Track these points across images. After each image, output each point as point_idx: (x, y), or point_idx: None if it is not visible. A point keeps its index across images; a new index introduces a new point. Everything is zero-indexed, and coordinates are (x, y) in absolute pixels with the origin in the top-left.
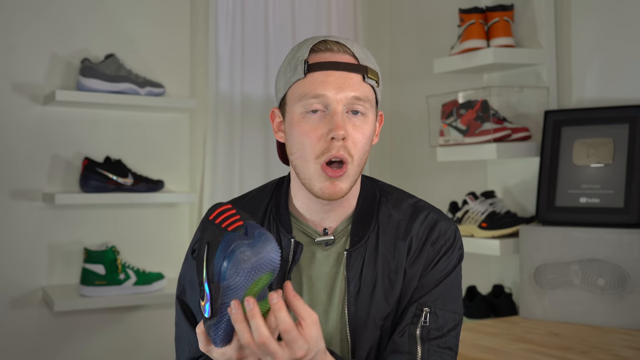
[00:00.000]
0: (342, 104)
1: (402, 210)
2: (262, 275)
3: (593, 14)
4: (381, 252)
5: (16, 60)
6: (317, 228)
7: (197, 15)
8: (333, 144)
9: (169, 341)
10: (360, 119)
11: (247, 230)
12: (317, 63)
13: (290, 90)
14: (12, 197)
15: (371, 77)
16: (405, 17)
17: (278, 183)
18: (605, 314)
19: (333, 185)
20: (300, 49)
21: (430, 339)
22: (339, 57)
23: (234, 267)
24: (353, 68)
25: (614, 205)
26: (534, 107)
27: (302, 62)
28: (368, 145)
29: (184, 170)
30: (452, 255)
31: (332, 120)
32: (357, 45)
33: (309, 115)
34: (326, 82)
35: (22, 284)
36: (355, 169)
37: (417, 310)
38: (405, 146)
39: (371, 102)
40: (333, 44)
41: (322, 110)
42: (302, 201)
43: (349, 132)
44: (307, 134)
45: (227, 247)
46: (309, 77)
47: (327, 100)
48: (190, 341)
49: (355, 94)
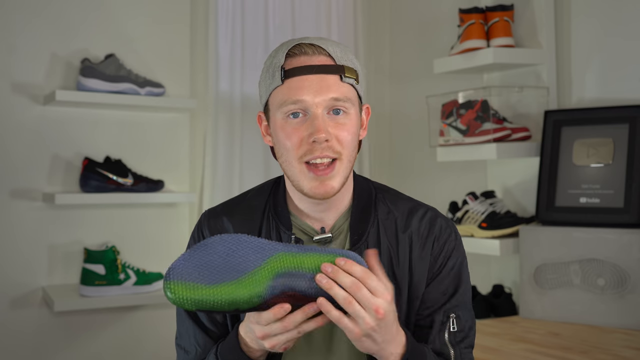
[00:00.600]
0: (321, 107)
1: (400, 206)
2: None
3: (593, 13)
4: (384, 247)
5: (16, 60)
6: (314, 226)
7: (197, 15)
8: (315, 147)
9: (169, 341)
10: (342, 117)
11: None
12: (293, 68)
13: (271, 97)
14: (12, 197)
15: (349, 75)
16: (405, 17)
17: (275, 182)
18: (605, 314)
19: (323, 185)
20: (276, 55)
21: (459, 342)
22: (315, 59)
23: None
24: (329, 69)
25: (614, 205)
26: (534, 107)
27: (279, 69)
28: (354, 141)
29: (184, 170)
30: (458, 253)
31: (313, 124)
32: (334, 45)
33: (289, 120)
34: (303, 87)
35: (22, 284)
36: (345, 166)
37: (444, 318)
38: (405, 146)
39: (352, 100)
40: (307, 47)
41: (303, 114)
42: (298, 200)
43: (332, 132)
44: (289, 138)
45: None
46: (286, 83)
47: (306, 104)
48: (197, 341)
49: (333, 95)
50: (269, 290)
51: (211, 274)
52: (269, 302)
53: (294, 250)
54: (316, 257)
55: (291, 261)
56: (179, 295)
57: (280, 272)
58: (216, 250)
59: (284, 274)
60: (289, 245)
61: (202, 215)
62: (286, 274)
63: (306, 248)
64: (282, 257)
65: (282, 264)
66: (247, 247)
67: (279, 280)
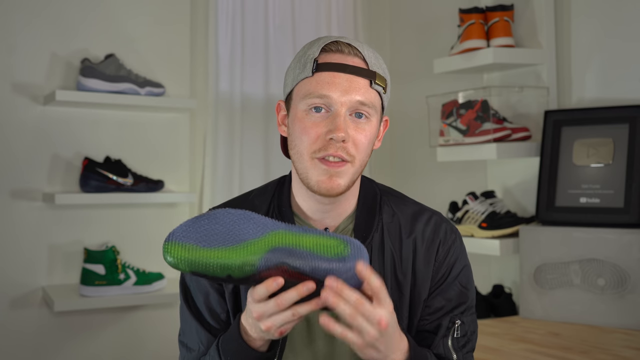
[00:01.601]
0: (345, 107)
1: (405, 210)
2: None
3: (593, 13)
4: (387, 251)
5: (16, 60)
6: (318, 227)
7: (197, 15)
8: (331, 144)
9: (169, 341)
10: (363, 121)
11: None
12: (326, 63)
13: (297, 87)
14: (12, 197)
15: (378, 83)
16: (405, 17)
17: (280, 182)
18: (605, 314)
19: (330, 180)
20: (312, 47)
21: (461, 347)
22: (349, 59)
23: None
24: (361, 72)
25: (614, 205)
26: (534, 107)
27: (311, 60)
28: (369, 148)
29: (184, 170)
30: (462, 259)
31: (334, 122)
32: (370, 50)
33: (312, 113)
34: (332, 83)
35: (22, 284)
36: (355, 169)
37: (449, 324)
38: (405, 146)
39: (376, 107)
40: (344, 46)
41: (326, 110)
42: (302, 199)
43: (350, 134)
44: (307, 131)
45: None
46: (316, 76)
47: (331, 101)
48: (200, 338)
49: (360, 99)
50: (263, 262)
51: (209, 238)
52: (263, 273)
53: (295, 230)
54: (316, 238)
55: (290, 238)
56: (175, 255)
57: (277, 247)
58: (220, 219)
59: (281, 249)
60: (293, 226)
61: None
62: (283, 249)
63: (309, 230)
64: (282, 234)
65: (281, 240)
66: (251, 221)
67: (275, 253)
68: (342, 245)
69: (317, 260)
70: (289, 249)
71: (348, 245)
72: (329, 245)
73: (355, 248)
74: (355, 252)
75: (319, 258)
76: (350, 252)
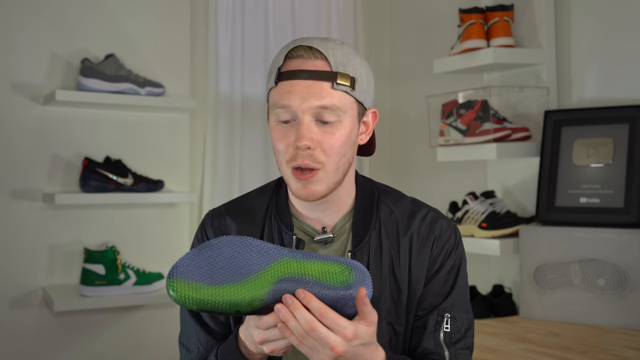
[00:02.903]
0: (308, 114)
1: (402, 207)
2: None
3: (593, 13)
4: (385, 249)
5: (16, 60)
6: (315, 226)
7: (197, 15)
8: (299, 153)
9: (169, 341)
10: (330, 126)
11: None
12: (286, 71)
13: (269, 97)
14: (12, 197)
15: (341, 82)
16: (405, 17)
17: (278, 182)
18: (605, 314)
19: (305, 188)
20: (278, 55)
21: (454, 343)
22: (309, 64)
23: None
24: (319, 75)
25: (614, 205)
26: (534, 107)
27: (275, 70)
28: (345, 148)
29: (184, 170)
30: (456, 255)
31: (298, 131)
32: (336, 48)
33: (280, 124)
34: (291, 92)
35: (22, 284)
36: (331, 174)
37: (438, 318)
38: (405, 146)
39: (343, 108)
40: (304, 50)
41: (292, 119)
42: (296, 201)
43: (317, 140)
44: (279, 141)
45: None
46: (279, 86)
47: (293, 110)
48: (199, 340)
49: (320, 103)
50: (271, 295)
51: (214, 274)
52: (270, 306)
53: (299, 257)
54: (321, 265)
55: (295, 267)
56: (181, 293)
57: (283, 277)
58: (222, 251)
59: (287, 279)
60: (295, 251)
61: (205, 215)
62: (289, 279)
63: (312, 255)
64: (286, 262)
65: (286, 269)
66: (253, 250)
67: (281, 285)
68: (347, 271)
69: (324, 289)
70: (295, 279)
71: (353, 271)
72: (334, 272)
73: (360, 274)
74: (360, 279)
75: (325, 287)
76: (356, 279)
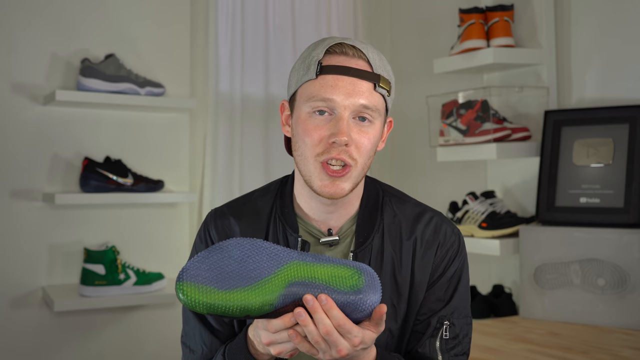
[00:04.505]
0: (349, 110)
1: (407, 211)
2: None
3: (593, 13)
4: (387, 252)
5: (16, 60)
6: (321, 228)
7: (197, 16)
8: (333, 147)
9: (169, 341)
10: (367, 125)
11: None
12: (330, 66)
13: (301, 89)
14: (12, 197)
15: (382, 86)
16: (405, 17)
17: (282, 182)
18: (605, 314)
19: (333, 185)
20: (316, 48)
21: (449, 349)
22: (353, 62)
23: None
24: (365, 75)
25: (614, 205)
26: (534, 107)
27: (315, 63)
28: (373, 150)
29: (184, 170)
30: (459, 261)
31: (337, 125)
32: (374, 52)
33: (315, 116)
34: (336, 87)
35: (22, 284)
36: (358, 172)
37: (437, 324)
38: (405, 146)
39: (379, 110)
40: (349, 48)
41: (329, 113)
42: (305, 201)
43: (353, 137)
44: (309, 134)
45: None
46: (320, 79)
47: (334, 104)
48: (203, 340)
49: (363, 102)
50: (281, 299)
51: (225, 278)
52: (280, 310)
53: (309, 260)
54: (331, 269)
55: (305, 271)
56: (191, 297)
57: (293, 281)
58: (231, 254)
59: (297, 283)
60: (305, 254)
61: (208, 215)
62: (299, 283)
63: (321, 258)
64: (296, 266)
65: (296, 273)
66: (263, 252)
67: (291, 289)
68: (357, 275)
69: (333, 294)
70: (305, 283)
71: (362, 275)
72: (344, 277)
73: (369, 278)
74: (369, 283)
75: (334, 291)
76: (365, 283)
